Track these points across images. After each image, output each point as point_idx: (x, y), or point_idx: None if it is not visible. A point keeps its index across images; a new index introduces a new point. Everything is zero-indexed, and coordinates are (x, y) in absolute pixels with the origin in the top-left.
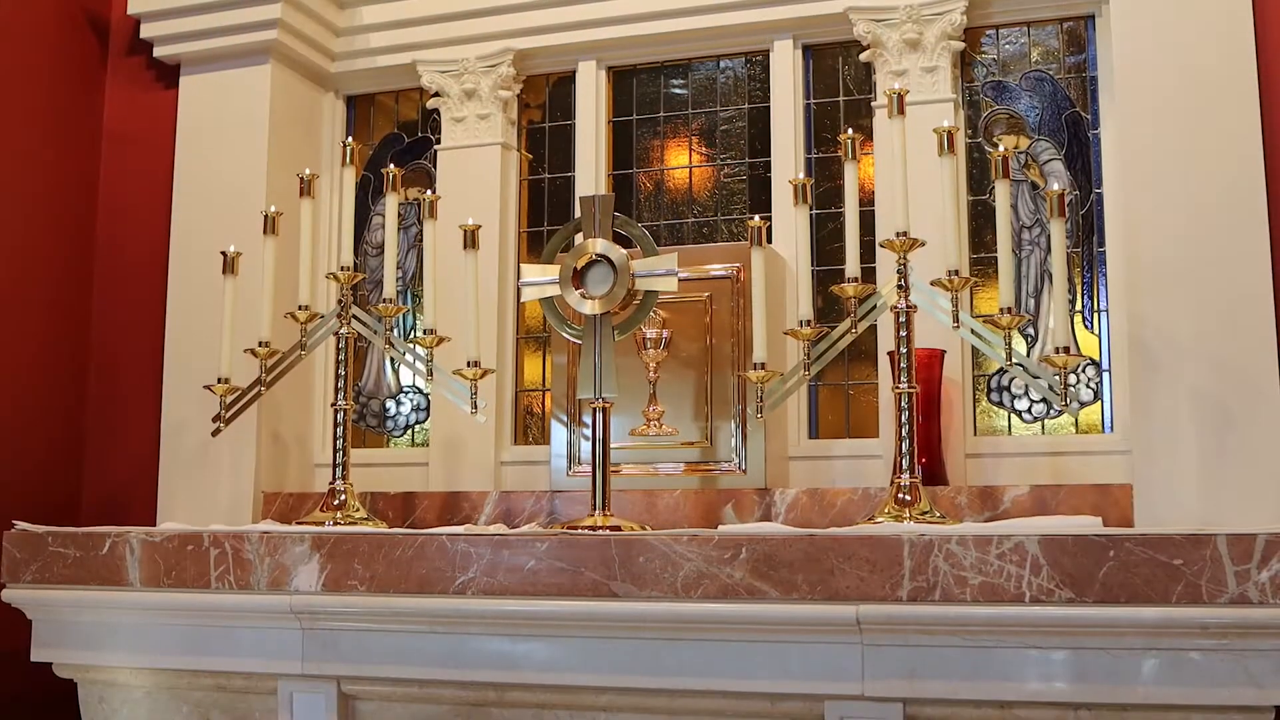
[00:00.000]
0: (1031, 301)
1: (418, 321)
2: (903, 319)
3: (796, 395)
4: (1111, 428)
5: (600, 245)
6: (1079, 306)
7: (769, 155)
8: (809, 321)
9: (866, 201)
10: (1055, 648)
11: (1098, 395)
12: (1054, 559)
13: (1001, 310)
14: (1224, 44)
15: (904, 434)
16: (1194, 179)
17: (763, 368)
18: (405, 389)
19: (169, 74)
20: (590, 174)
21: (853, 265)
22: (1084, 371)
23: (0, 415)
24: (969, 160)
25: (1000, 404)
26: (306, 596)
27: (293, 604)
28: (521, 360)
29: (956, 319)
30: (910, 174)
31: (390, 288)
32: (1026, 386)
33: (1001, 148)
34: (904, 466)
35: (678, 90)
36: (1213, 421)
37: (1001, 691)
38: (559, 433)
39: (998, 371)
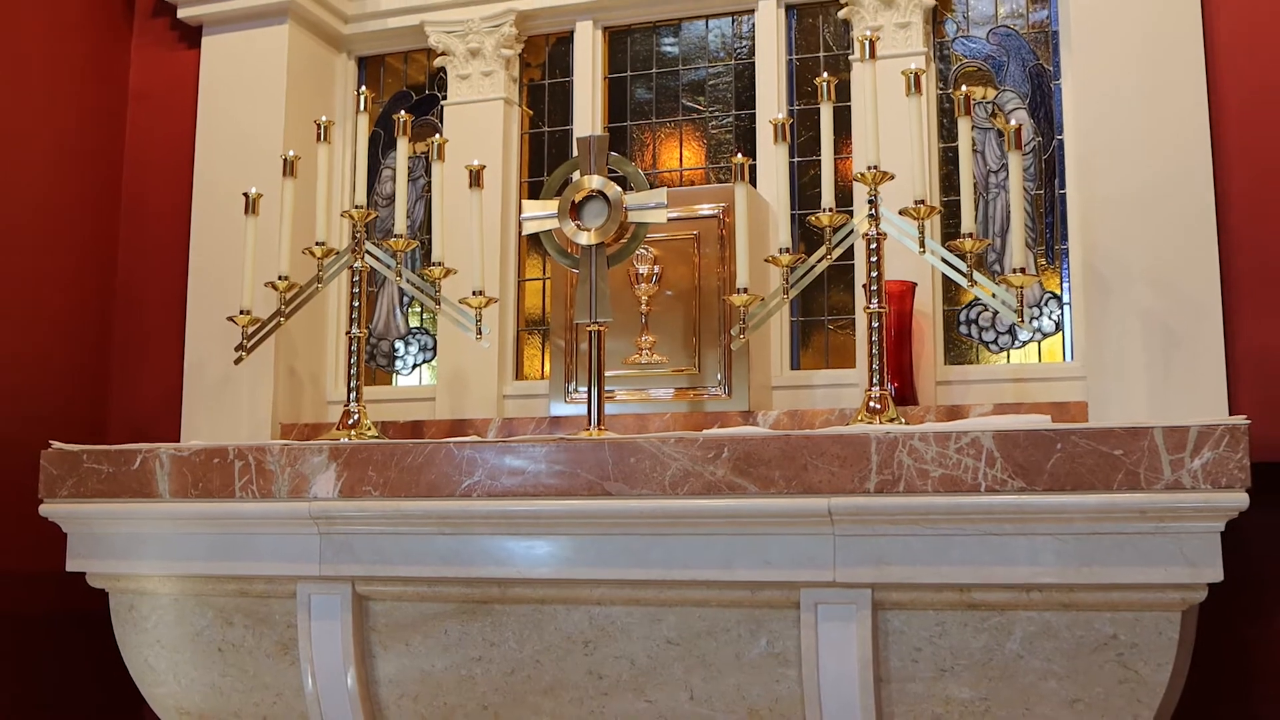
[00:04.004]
0: (998, 240)
1: (422, 264)
2: (873, 246)
3: (779, 331)
4: (1072, 356)
5: (596, 181)
6: (1041, 244)
7: (754, 109)
8: (787, 249)
9: (845, 154)
10: (1009, 534)
11: (1059, 327)
12: (1007, 452)
13: (963, 235)
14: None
15: (874, 351)
16: (1144, 121)
17: (745, 292)
18: (413, 330)
19: (192, 34)
20: (587, 128)
21: (828, 197)
22: (1046, 305)
23: (32, 353)
24: (939, 111)
25: (969, 336)
26: (324, 503)
27: (311, 510)
28: (523, 300)
29: (923, 244)
30: (883, 120)
31: (401, 224)
32: (993, 319)
33: (964, 88)
34: (875, 381)
35: (669, 48)
36: (1160, 342)
37: (960, 575)
38: (557, 365)
39: (967, 305)
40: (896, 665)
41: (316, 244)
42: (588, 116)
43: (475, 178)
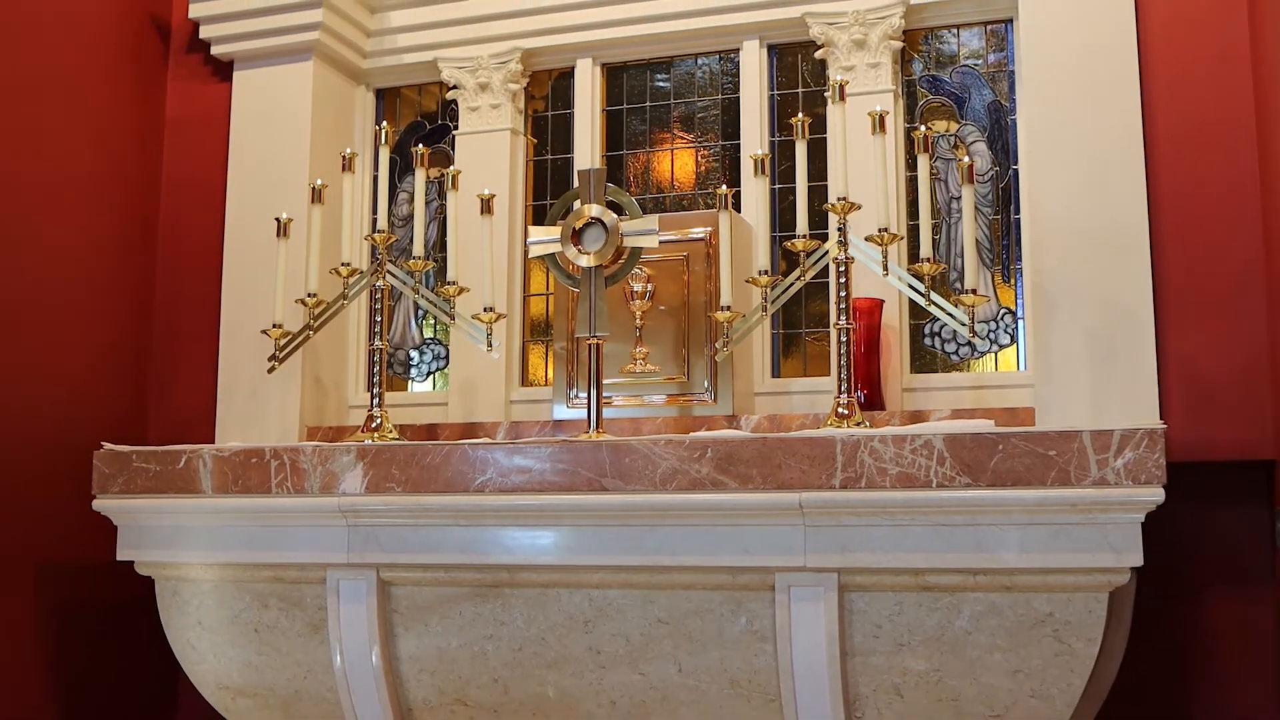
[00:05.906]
0: (959, 261)
1: (437, 282)
2: (842, 269)
3: (761, 343)
4: (1025, 366)
5: (595, 209)
6: (998, 264)
7: (739, 139)
8: (766, 271)
9: (822, 177)
10: (958, 524)
11: (1014, 339)
12: (955, 452)
13: (922, 260)
14: (1111, 42)
15: (843, 363)
16: (1087, 155)
17: (728, 309)
18: (427, 340)
19: (224, 69)
20: (587, 156)
21: (803, 224)
22: (1002, 319)
23: (77, 363)
24: (907, 141)
25: (933, 347)
26: (352, 498)
27: (340, 504)
28: (528, 312)
29: (886, 267)
30: (853, 151)
31: (419, 246)
32: (954, 332)
33: (923, 128)
34: (843, 389)
35: (662, 84)
36: (1100, 353)
37: (915, 561)
38: (559, 373)
39: (930, 320)
40: (860, 641)
41: (342, 264)
42: (587, 145)
43: (486, 205)
